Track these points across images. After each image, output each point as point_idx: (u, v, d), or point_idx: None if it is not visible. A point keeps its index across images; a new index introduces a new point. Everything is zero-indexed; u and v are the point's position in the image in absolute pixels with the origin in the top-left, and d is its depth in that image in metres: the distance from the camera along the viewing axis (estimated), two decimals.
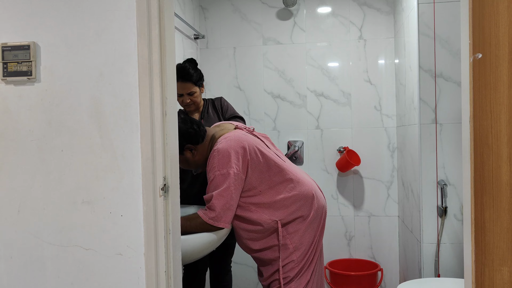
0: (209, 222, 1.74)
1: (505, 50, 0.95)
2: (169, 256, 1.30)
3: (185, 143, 1.85)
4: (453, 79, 2.23)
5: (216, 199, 1.74)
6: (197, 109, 2.31)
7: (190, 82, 2.21)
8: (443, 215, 2.23)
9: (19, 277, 1.35)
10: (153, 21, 1.27)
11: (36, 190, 1.33)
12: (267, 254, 1.90)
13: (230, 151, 1.76)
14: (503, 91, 0.96)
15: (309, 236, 1.90)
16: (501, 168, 0.97)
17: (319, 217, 1.94)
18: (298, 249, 1.88)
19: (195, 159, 1.89)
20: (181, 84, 2.17)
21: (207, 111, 2.34)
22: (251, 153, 1.81)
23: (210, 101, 2.38)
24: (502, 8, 0.95)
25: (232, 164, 1.75)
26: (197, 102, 2.26)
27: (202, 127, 1.90)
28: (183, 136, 1.83)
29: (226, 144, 1.78)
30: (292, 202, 1.86)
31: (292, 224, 1.87)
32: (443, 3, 2.23)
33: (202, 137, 1.87)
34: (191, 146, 1.86)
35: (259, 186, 1.83)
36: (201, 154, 1.89)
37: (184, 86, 2.20)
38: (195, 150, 1.87)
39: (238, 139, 1.81)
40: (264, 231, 1.85)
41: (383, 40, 3.00)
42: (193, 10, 3.04)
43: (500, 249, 0.98)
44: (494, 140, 0.99)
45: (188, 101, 2.23)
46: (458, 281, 2.05)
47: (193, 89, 2.22)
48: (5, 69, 1.32)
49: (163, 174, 1.29)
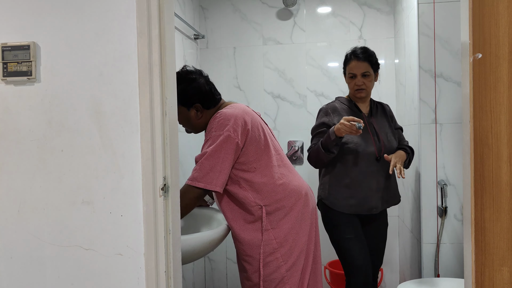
0: (196, 185, 1.65)
1: (505, 50, 0.95)
2: (169, 256, 1.30)
3: (197, 102, 1.80)
4: (453, 79, 2.23)
5: (206, 159, 1.67)
6: (366, 98, 2.22)
7: (367, 62, 2.12)
8: (443, 215, 2.23)
9: (19, 277, 1.35)
10: (153, 21, 1.27)
11: (36, 190, 1.33)
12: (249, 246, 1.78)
13: (231, 117, 1.71)
14: (503, 91, 0.96)
15: (298, 237, 1.80)
16: (501, 168, 0.97)
17: (310, 220, 1.85)
18: (283, 246, 1.76)
19: (198, 121, 1.84)
20: (356, 62, 2.11)
21: (377, 111, 2.26)
22: (253, 126, 1.76)
23: (377, 102, 2.30)
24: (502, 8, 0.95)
25: (230, 128, 1.69)
26: (369, 89, 2.16)
27: (219, 96, 1.87)
28: (199, 94, 1.79)
29: (229, 110, 1.74)
30: (281, 190, 1.78)
31: (276, 213, 1.77)
32: (443, 3, 2.23)
33: (214, 105, 1.84)
34: (200, 107, 1.81)
35: (254, 163, 1.76)
36: (204, 119, 1.84)
37: (360, 65, 2.12)
38: (201, 112, 1.82)
39: (244, 110, 1.77)
40: (246, 212, 1.77)
41: (383, 40, 3.00)
42: (193, 10, 3.04)
43: (500, 249, 0.98)
44: (494, 140, 0.99)
45: (361, 84, 2.13)
46: (458, 281, 2.05)
47: (369, 70, 2.13)
48: (5, 69, 1.32)
49: (163, 174, 1.29)
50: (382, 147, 2.15)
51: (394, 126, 2.28)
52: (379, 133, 2.17)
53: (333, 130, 2.00)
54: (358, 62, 2.12)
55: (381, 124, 2.22)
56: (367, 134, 2.14)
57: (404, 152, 2.17)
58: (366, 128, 2.15)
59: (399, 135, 2.29)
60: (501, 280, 0.99)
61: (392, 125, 2.27)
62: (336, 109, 2.20)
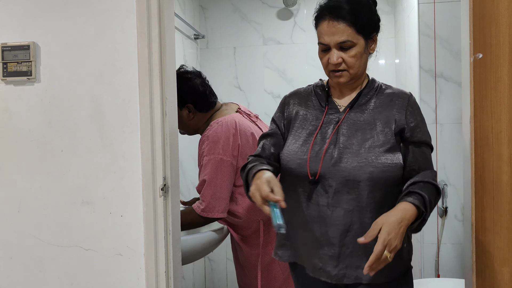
0: (202, 215, 1.67)
1: (506, 50, 0.94)
2: (169, 256, 1.30)
3: (189, 102, 1.77)
4: (454, 79, 2.23)
5: (205, 189, 1.67)
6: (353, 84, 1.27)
7: (348, 22, 1.18)
8: (443, 215, 2.23)
9: (19, 277, 1.35)
10: (153, 21, 1.27)
11: (36, 190, 1.33)
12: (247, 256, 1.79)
13: (219, 137, 1.68)
14: (503, 91, 0.96)
15: None
16: (502, 168, 0.97)
17: None
18: None
19: (189, 122, 1.81)
20: (329, 24, 1.19)
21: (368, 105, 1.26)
22: (243, 138, 1.72)
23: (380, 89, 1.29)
24: (503, 8, 0.95)
25: (220, 151, 1.67)
26: (354, 69, 1.21)
27: (214, 100, 1.82)
28: (192, 94, 1.76)
29: (216, 129, 1.71)
30: None
31: None
32: (443, 3, 2.23)
33: (207, 109, 1.80)
34: (192, 108, 1.78)
35: None
36: (196, 121, 1.81)
37: (335, 28, 1.19)
38: (193, 113, 1.79)
39: (230, 124, 1.72)
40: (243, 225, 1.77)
41: (383, 40, 2.99)
42: (193, 10, 3.03)
43: (500, 249, 0.98)
44: (495, 140, 0.99)
45: (337, 62, 1.19)
46: (458, 281, 2.04)
47: (353, 37, 1.19)
48: (5, 69, 1.32)
49: (163, 174, 1.29)
50: (339, 162, 1.19)
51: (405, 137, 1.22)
52: (346, 143, 1.21)
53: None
54: (332, 22, 1.19)
55: (364, 128, 1.22)
56: (322, 144, 1.23)
57: (411, 207, 1.09)
58: (325, 133, 1.25)
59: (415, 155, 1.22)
60: (501, 280, 0.98)
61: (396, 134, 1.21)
62: (301, 98, 1.36)
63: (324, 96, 1.32)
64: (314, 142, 1.24)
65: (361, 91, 1.28)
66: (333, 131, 1.24)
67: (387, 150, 1.18)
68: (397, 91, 1.28)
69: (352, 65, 1.21)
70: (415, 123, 1.23)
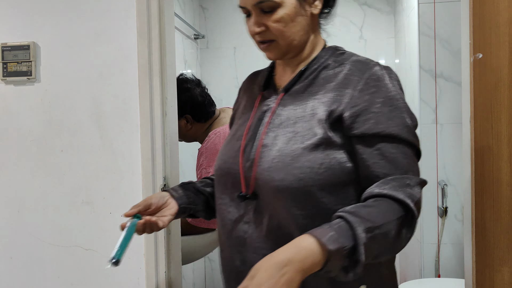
0: (191, 222, 1.65)
1: (506, 50, 0.94)
2: (169, 256, 1.30)
3: (187, 112, 1.76)
4: (454, 79, 2.23)
5: None
6: (295, 58, 0.97)
7: None
8: (443, 215, 2.23)
9: (19, 277, 1.35)
10: (153, 21, 1.27)
11: (36, 190, 1.33)
12: None
13: (218, 149, 1.66)
14: (503, 91, 0.96)
15: None
16: (502, 168, 0.97)
17: None
18: None
19: (187, 132, 1.81)
20: None
21: (314, 84, 0.94)
22: None
23: (336, 61, 1.01)
24: (503, 8, 0.95)
25: None
26: (284, 38, 0.90)
27: (213, 109, 1.80)
28: (192, 105, 1.74)
29: (214, 140, 1.71)
30: None
31: None
32: (443, 3, 2.23)
33: (205, 119, 1.80)
34: (191, 118, 1.78)
35: None
36: (194, 131, 1.81)
37: None
38: (191, 124, 1.79)
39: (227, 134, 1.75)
40: None
41: (384, 40, 3.00)
42: (193, 10, 3.03)
43: (501, 249, 0.98)
44: (495, 140, 0.99)
45: (257, 29, 0.89)
46: (458, 281, 2.04)
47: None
48: (5, 69, 1.32)
49: (163, 174, 1.29)
50: (253, 166, 0.88)
51: (346, 128, 0.86)
52: (267, 134, 0.90)
53: None
54: None
55: (295, 121, 0.89)
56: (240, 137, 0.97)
57: (314, 245, 0.69)
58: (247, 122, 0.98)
59: (364, 156, 0.85)
60: (501, 280, 0.98)
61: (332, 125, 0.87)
62: (250, 82, 1.12)
63: (265, 76, 1.01)
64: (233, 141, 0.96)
65: (304, 69, 0.94)
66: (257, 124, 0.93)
67: (313, 148, 0.83)
68: (361, 61, 0.97)
69: (280, 33, 0.88)
70: (362, 106, 0.84)
